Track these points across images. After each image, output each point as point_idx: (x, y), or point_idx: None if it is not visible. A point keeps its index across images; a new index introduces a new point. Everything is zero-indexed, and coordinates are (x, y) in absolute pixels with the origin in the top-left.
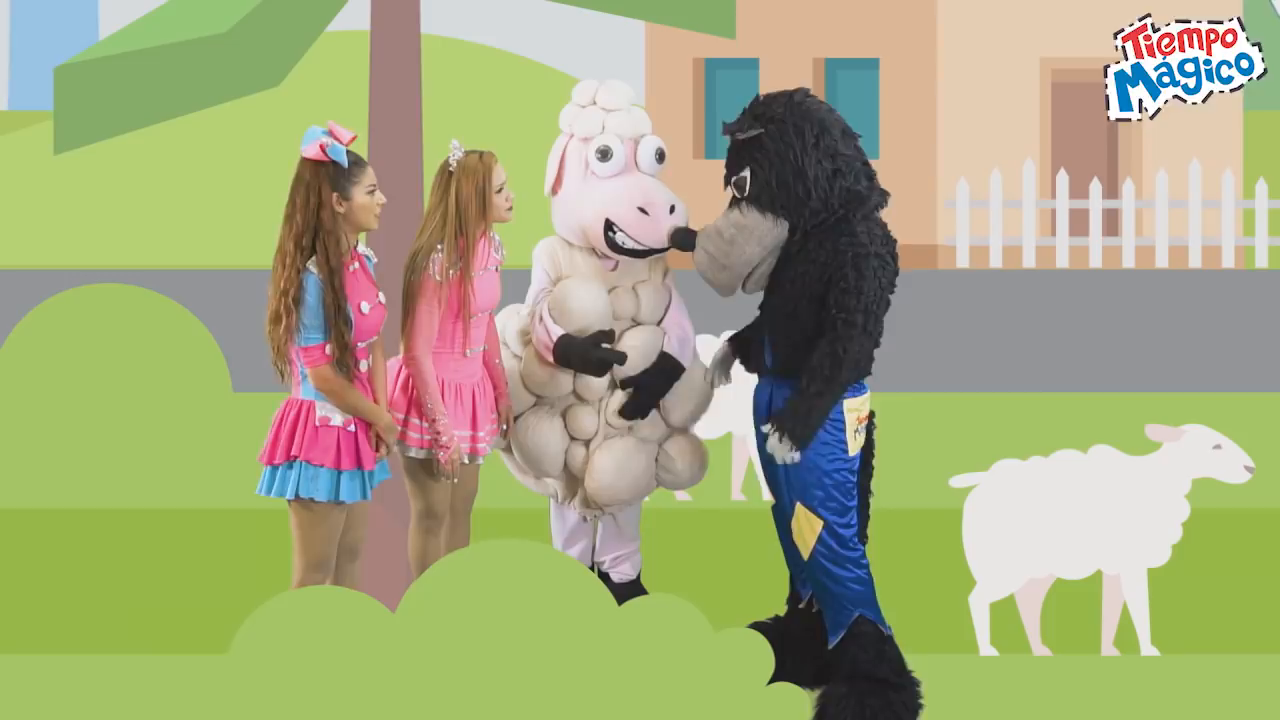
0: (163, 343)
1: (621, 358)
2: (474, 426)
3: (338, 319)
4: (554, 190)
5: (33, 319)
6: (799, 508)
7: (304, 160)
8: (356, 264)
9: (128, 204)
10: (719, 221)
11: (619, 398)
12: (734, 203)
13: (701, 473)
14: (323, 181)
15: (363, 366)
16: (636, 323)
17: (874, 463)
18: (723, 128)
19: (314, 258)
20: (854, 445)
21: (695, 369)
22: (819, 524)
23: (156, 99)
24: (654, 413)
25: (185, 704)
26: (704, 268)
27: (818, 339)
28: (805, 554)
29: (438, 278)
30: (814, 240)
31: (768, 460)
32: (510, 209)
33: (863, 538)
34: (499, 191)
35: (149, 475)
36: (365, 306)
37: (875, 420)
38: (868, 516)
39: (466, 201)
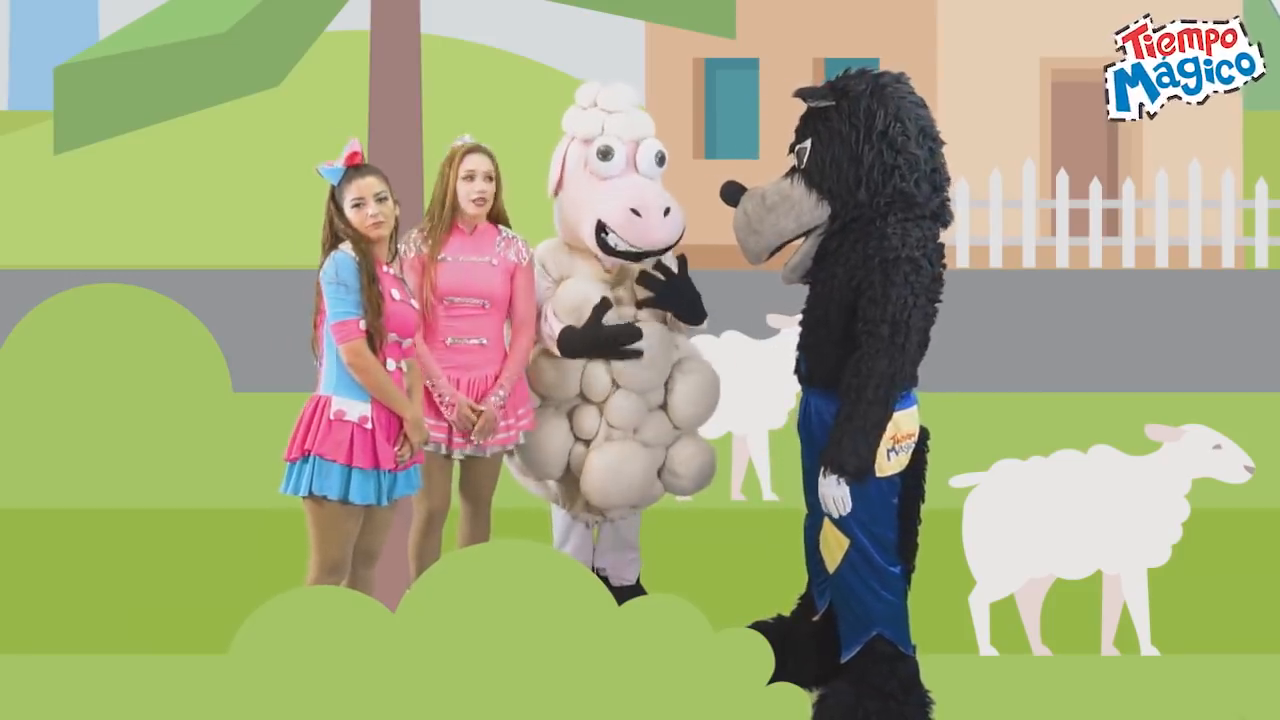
0: (163, 343)
1: (634, 332)
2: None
3: (371, 290)
4: (555, 192)
5: (33, 319)
6: (826, 522)
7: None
8: (389, 268)
9: (128, 204)
10: (767, 186)
11: (620, 398)
12: (790, 172)
13: (707, 479)
14: (330, 196)
15: (390, 365)
16: (639, 321)
17: (924, 485)
18: (798, 90)
19: (346, 242)
20: (885, 466)
21: (705, 370)
22: (846, 542)
23: (156, 99)
24: (659, 414)
25: (185, 704)
26: (739, 228)
27: (841, 345)
28: (831, 568)
29: (411, 253)
30: (848, 240)
31: (806, 469)
32: (476, 201)
33: (908, 563)
34: (467, 180)
35: (149, 475)
36: (395, 294)
37: (928, 441)
38: (915, 544)
39: (443, 187)
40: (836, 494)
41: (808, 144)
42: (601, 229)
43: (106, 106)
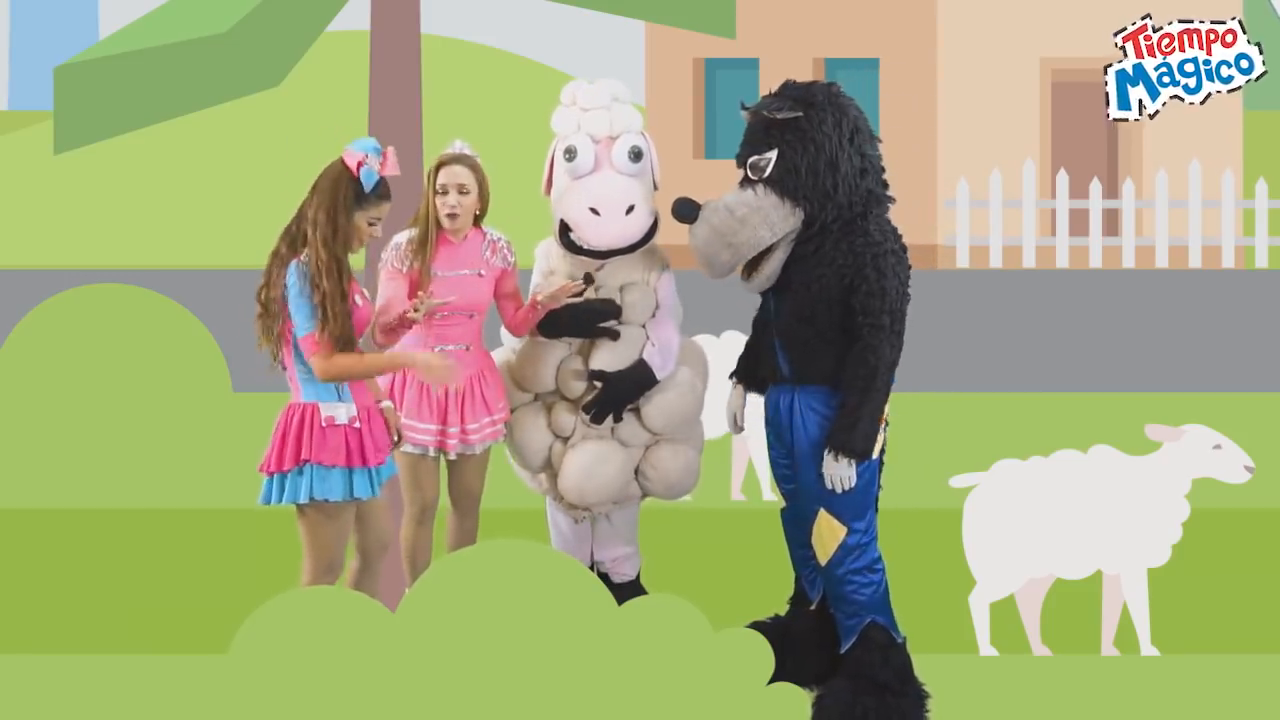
0: (163, 343)
1: (612, 306)
2: (443, 422)
3: (343, 305)
4: (546, 191)
5: (33, 319)
6: (822, 514)
7: (341, 163)
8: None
9: (128, 204)
10: (728, 198)
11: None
12: (746, 183)
13: (679, 486)
14: (345, 188)
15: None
16: (621, 323)
17: (883, 460)
18: (755, 105)
19: (306, 251)
20: (874, 450)
21: (679, 375)
22: (842, 531)
23: (156, 99)
24: (634, 417)
25: (185, 704)
26: (704, 244)
27: (834, 342)
28: (824, 559)
29: (395, 265)
30: (829, 241)
31: (787, 464)
32: (450, 215)
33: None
34: (440, 194)
35: (149, 475)
36: (358, 300)
37: (888, 418)
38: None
39: (425, 201)
40: (845, 474)
41: (772, 154)
42: (565, 229)
43: (106, 106)
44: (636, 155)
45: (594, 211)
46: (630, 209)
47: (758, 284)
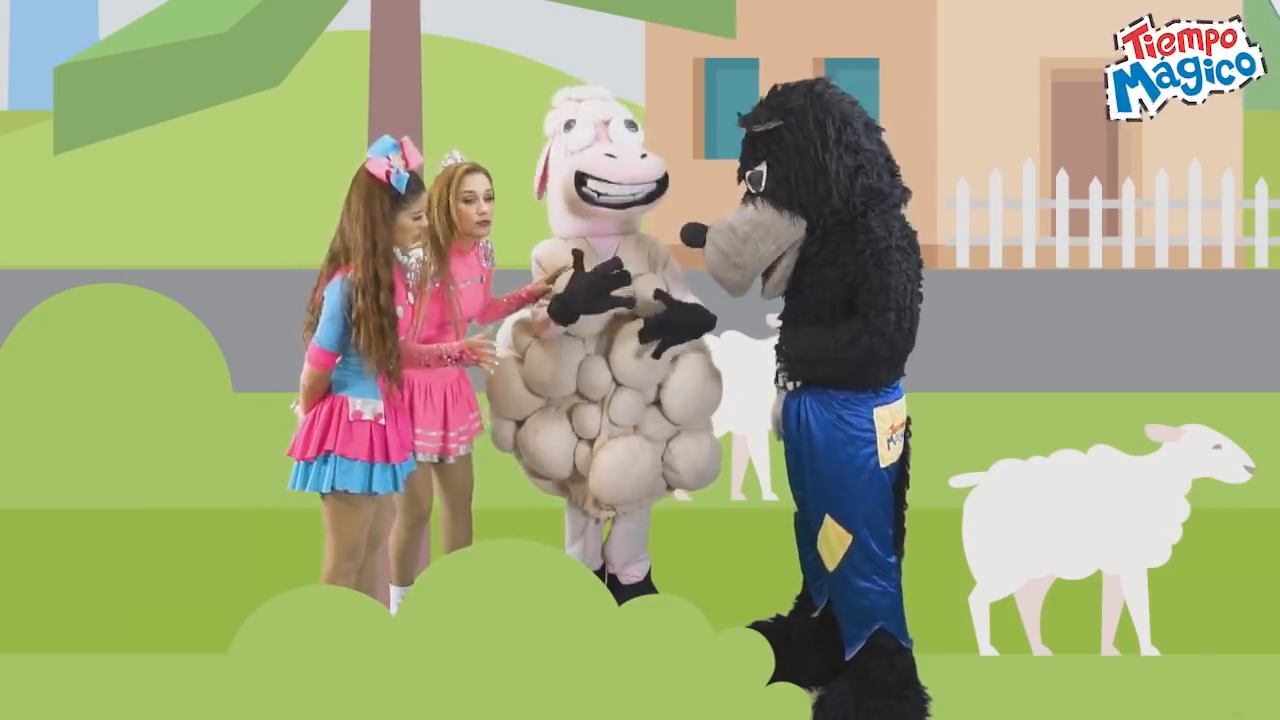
0: (163, 343)
1: (622, 275)
2: (445, 427)
3: (378, 320)
4: (539, 192)
5: (33, 319)
6: (828, 520)
7: (368, 172)
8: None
9: (128, 204)
10: (732, 217)
11: (623, 396)
12: (748, 198)
13: (707, 475)
14: (378, 199)
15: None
16: (634, 316)
17: (909, 471)
18: (738, 120)
19: (358, 271)
20: (886, 456)
21: (697, 365)
22: (848, 538)
23: (156, 99)
24: (657, 410)
25: (185, 704)
26: (715, 265)
27: None
28: (831, 566)
29: (424, 285)
30: (832, 242)
31: (796, 469)
32: (483, 223)
33: (898, 550)
34: (468, 202)
35: (149, 475)
36: (400, 310)
37: (911, 427)
38: (903, 530)
39: (443, 210)
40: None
41: (763, 168)
42: (580, 181)
43: (106, 106)
44: (633, 126)
45: (610, 155)
46: (643, 155)
47: (769, 291)
